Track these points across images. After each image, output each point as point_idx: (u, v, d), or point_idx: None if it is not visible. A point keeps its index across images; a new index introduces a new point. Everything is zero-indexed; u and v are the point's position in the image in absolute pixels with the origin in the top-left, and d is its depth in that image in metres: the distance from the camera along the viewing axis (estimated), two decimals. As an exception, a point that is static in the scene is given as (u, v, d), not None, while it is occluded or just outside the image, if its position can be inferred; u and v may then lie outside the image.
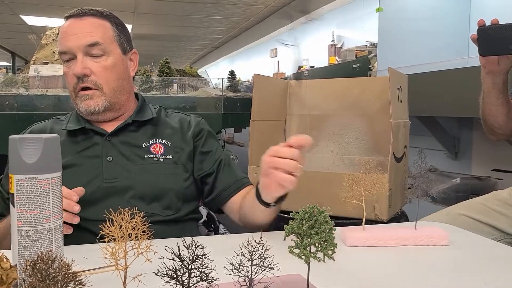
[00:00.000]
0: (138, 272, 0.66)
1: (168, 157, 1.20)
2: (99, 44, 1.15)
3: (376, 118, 1.74)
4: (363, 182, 0.95)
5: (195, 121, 1.31)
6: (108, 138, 1.19)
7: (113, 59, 1.17)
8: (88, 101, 1.15)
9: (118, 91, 1.19)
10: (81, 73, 1.13)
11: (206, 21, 7.41)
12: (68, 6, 6.66)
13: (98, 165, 1.15)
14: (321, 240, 0.62)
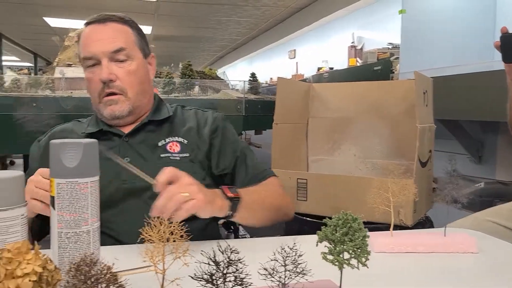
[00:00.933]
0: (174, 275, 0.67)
1: (185, 156, 1.20)
2: (123, 49, 1.16)
3: (399, 121, 1.73)
4: (391, 188, 0.95)
5: (212, 117, 1.30)
6: (125, 139, 1.20)
7: (136, 63, 1.19)
8: (113, 106, 1.17)
9: (140, 95, 1.21)
10: (107, 78, 1.14)
11: (224, 23, 7.45)
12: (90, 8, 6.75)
13: (116, 166, 1.14)
14: (355, 247, 0.63)
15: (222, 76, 3.64)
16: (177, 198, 0.89)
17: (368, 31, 5.25)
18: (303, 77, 6.12)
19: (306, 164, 1.99)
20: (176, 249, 0.59)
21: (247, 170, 1.26)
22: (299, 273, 0.64)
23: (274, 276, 0.64)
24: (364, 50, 4.66)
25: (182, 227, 0.60)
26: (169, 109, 1.28)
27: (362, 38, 5.33)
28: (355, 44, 5.13)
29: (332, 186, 1.54)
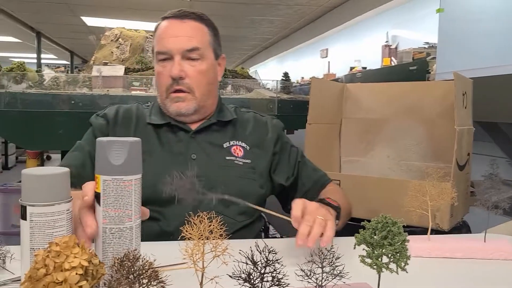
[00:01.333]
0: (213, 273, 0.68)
1: (247, 162, 1.20)
2: (198, 49, 1.16)
3: (436, 123, 1.69)
4: (429, 192, 0.93)
5: (271, 124, 1.31)
6: (192, 136, 1.20)
7: (207, 64, 1.19)
8: (179, 103, 1.17)
9: (206, 95, 1.21)
10: (178, 75, 1.14)
11: (257, 22, 7.46)
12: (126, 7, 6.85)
13: (183, 162, 1.15)
14: (395, 252, 0.62)
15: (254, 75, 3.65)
16: (319, 223, 0.90)
17: (403, 30, 5.15)
18: (335, 77, 6.06)
19: (339, 165, 1.97)
20: (216, 248, 0.60)
21: (308, 175, 1.28)
22: (336, 275, 0.64)
23: (311, 277, 0.64)
24: (399, 50, 4.57)
25: (222, 226, 0.60)
26: (231, 111, 1.28)
27: (396, 37, 5.23)
28: (389, 43, 5.04)
29: (366, 188, 1.53)
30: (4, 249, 0.81)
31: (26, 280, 0.52)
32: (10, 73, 2.49)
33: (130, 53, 3.34)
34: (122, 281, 0.56)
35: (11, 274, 0.79)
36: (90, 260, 0.54)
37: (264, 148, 1.24)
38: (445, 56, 2.68)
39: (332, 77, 6.01)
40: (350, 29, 6.65)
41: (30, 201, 0.62)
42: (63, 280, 0.50)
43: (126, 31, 3.45)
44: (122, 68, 2.90)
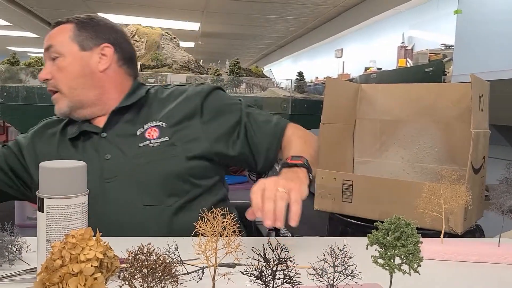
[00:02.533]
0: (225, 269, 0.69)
1: (164, 140, 1.14)
2: (51, 47, 1.16)
3: (452, 125, 1.67)
4: (443, 194, 0.93)
5: (194, 90, 1.23)
6: (103, 135, 1.16)
7: (68, 59, 1.16)
8: (56, 105, 1.18)
9: (80, 89, 1.16)
10: (41, 78, 1.17)
11: (272, 21, 7.46)
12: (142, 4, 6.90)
13: (98, 166, 1.12)
14: (408, 253, 0.62)
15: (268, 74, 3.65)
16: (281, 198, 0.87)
17: (420, 31, 5.10)
18: (349, 77, 6.03)
19: (352, 165, 1.97)
20: (228, 244, 0.60)
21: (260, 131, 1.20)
22: (348, 275, 0.64)
23: (323, 276, 0.64)
24: (414, 51, 4.53)
25: (235, 223, 0.61)
26: (141, 92, 1.22)
27: (412, 38, 5.18)
28: (405, 44, 5.00)
29: (379, 189, 1.52)
30: (20, 241, 0.82)
31: (42, 271, 0.53)
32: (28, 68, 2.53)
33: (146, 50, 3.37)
34: (136, 274, 0.57)
35: (27, 265, 0.81)
36: (105, 253, 0.55)
37: (189, 119, 1.17)
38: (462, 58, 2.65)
39: (347, 77, 5.99)
40: (365, 29, 6.61)
41: (48, 193, 0.63)
42: (78, 272, 0.51)
43: (142, 28, 3.47)
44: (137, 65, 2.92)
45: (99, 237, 0.56)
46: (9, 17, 7.94)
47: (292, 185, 0.91)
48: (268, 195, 0.87)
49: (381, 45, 6.13)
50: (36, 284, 0.53)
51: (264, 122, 1.22)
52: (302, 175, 0.99)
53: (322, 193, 1.70)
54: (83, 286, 0.51)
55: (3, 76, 2.41)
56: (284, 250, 0.63)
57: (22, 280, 0.75)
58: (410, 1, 4.84)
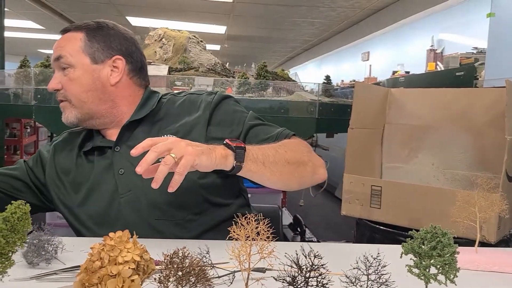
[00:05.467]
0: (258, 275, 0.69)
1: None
2: (61, 57, 1.14)
3: (485, 132, 1.63)
4: (478, 203, 0.90)
5: (205, 100, 1.19)
6: (116, 149, 1.14)
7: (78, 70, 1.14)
8: (63, 114, 1.16)
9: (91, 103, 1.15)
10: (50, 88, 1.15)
11: (298, 24, 7.45)
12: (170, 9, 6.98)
13: (112, 181, 1.12)
14: (444, 263, 0.60)
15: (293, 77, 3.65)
16: (166, 160, 0.85)
17: (450, 34, 5.01)
18: (376, 80, 5.96)
19: (380, 171, 1.94)
20: (262, 250, 0.60)
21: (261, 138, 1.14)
22: (382, 283, 0.63)
23: (356, 284, 0.64)
24: (444, 54, 4.44)
25: (269, 229, 0.61)
26: (154, 102, 1.19)
27: (442, 42, 5.09)
28: (434, 47, 4.91)
29: (409, 196, 1.49)
30: (56, 240, 0.85)
31: (82, 271, 0.54)
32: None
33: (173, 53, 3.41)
34: (171, 277, 0.57)
35: (62, 264, 0.83)
36: (142, 256, 0.56)
37: (198, 130, 1.14)
38: (495, 62, 2.58)
39: (373, 81, 5.92)
40: (393, 32, 6.53)
41: None
42: (116, 274, 0.52)
43: (170, 31, 3.52)
44: (166, 68, 2.96)
45: (135, 239, 0.57)
46: (41, 20, 8.18)
47: (189, 149, 0.88)
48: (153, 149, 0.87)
49: (409, 48, 6.04)
50: (76, 284, 0.54)
51: (265, 133, 1.16)
52: (218, 151, 0.94)
53: (349, 199, 1.68)
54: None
55: (37, 78, 2.48)
56: (317, 256, 0.63)
57: (58, 279, 0.77)
58: (439, 4, 4.75)
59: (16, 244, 0.55)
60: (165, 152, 0.87)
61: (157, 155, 0.86)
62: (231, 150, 0.96)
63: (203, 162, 0.90)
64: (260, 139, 1.13)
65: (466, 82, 2.82)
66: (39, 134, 6.50)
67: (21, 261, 0.81)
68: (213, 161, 0.92)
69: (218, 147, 0.95)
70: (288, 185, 1.12)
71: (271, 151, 1.03)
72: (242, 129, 1.16)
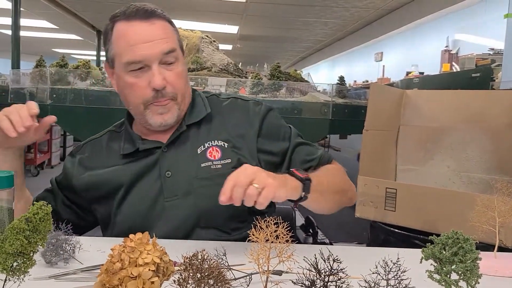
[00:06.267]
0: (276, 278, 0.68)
1: (226, 162, 1.07)
2: (174, 50, 1.04)
3: (503, 134, 1.61)
4: (498, 207, 0.89)
5: (253, 110, 1.15)
6: (164, 150, 1.09)
7: (181, 64, 1.07)
8: (164, 115, 1.05)
9: (186, 98, 1.11)
10: (162, 85, 1.02)
11: (311, 24, 7.43)
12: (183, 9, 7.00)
13: (157, 183, 1.07)
14: (465, 269, 0.60)
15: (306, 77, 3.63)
16: (251, 193, 0.85)
17: (465, 35, 4.95)
18: (389, 81, 5.92)
19: (394, 173, 1.93)
20: (281, 253, 0.60)
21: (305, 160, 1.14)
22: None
23: (375, 289, 0.63)
24: (460, 55, 4.40)
25: (288, 232, 0.61)
26: (205, 103, 1.14)
27: (457, 42, 5.04)
28: (449, 48, 4.86)
29: (424, 199, 1.48)
30: (74, 240, 0.85)
31: (102, 272, 0.54)
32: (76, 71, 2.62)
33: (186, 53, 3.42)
34: (190, 279, 0.57)
35: (80, 264, 0.84)
36: (162, 257, 0.56)
37: (248, 139, 1.11)
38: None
39: (387, 82, 5.88)
40: (407, 32, 6.48)
41: None
42: (137, 275, 0.53)
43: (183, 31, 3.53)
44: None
45: (155, 241, 0.57)
46: (55, 20, 8.27)
47: (270, 181, 0.88)
48: (239, 184, 0.86)
49: (423, 49, 5.99)
50: (96, 285, 0.54)
51: (309, 155, 1.16)
52: (291, 183, 0.94)
53: (363, 201, 1.67)
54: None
55: (53, 78, 2.51)
56: (337, 260, 0.62)
57: (76, 278, 0.78)
58: (455, 4, 4.70)
59: (38, 244, 0.55)
60: (248, 183, 0.87)
61: (244, 190, 0.86)
62: (300, 181, 0.97)
63: (281, 194, 0.91)
64: (304, 160, 1.14)
65: (482, 84, 2.78)
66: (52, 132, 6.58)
67: (39, 260, 0.82)
68: (288, 193, 0.94)
69: (289, 178, 0.96)
70: (330, 210, 1.13)
71: (325, 179, 1.05)
72: (289, 145, 1.15)
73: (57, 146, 6.96)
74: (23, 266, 0.55)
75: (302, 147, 1.17)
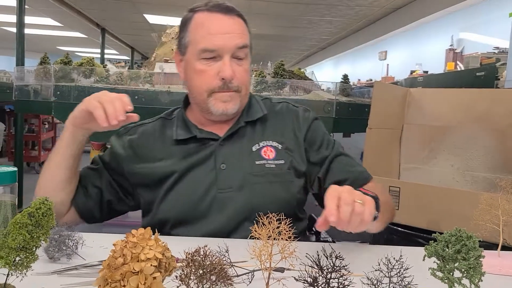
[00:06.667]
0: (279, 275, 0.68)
1: (280, 163, 1.12)
2: (247, 46, 1.10)
3: (508, 133, 1.60)
4: (502, 206, 0.89)
5: (303, 117, 1.20)
6: (221, 143, 1.12)
7: (249, 62, 1.12)
8: (227, 104, 1.09)
9: (247, 95, 1.15)
10: (231, 76, 1.07)
11: (315, 22, 7.41)
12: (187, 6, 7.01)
13: (212, 174, 1.10)
14: (469, 267, 0.59)
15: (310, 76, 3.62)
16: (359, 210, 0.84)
17: (470, 33, 4.93)
18: (393, 80, 5.91)
19: (398, 171, 1.92)
20: (283, 250, 0.60)
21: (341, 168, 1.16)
22: (404, 286, 0.62)
23: (378, 286, 0.63)
24: (464, 54, 4.38)
25: (290, 229, 0.60)
26: (261, 105, 1.19)
27: (462, 41, 5.01)
28: (454, 47, 4.84)
29: (428, 197, 1.47)
30: (77, 236, 0.85)
31: (104, 268, 0.54)
32: (80, 68, 2.62)
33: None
34: (192, 275, 0.57)
35: (83, 260, 0.84)
36: (164, 253, 0.56)
37: (297, 142, 1.16)
38: (517, 62, 2.53)
39: (391, 80, 5.87)
40: (411, 31, 6.46)
41: None
42: (139, 271, 0.52)
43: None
44: (183, 66, 2.96)
45: (157, 237, 0.57)
46: (60, 18, 8.28)
47: (369, 199, 0.88)
48: (345, 202, 0.84)
49: (427, 48, 5.97)
50: (98, 280, 0.54)
51: (349, 166, 1.18)
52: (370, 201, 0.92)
53: (367, 199, 1.67)
54: (143, 285, 0.52)
55: (57, 75, 2.51)
56: (339, 257, 0.62)
57: (78, 274, 0.78)
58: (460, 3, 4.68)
59: (40, 239, 0.56)
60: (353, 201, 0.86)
61: (352, 208, 0.84)
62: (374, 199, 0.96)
63: (372, 211, 0.90)
64: (344, 170, 1.16)
65: (486, 83, 2.77)
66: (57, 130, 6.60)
67: (42, 256, 0.82)
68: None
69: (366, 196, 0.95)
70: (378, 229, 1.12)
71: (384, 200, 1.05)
72: (331, 153, 1.17)
73: (61, 143, 7.00)
74: (25, 261, 0.55)
75: (343, 157, 1.19)
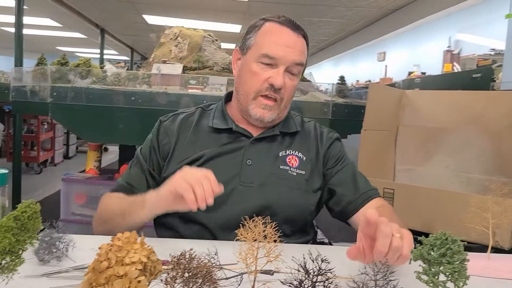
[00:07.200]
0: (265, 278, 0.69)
1: (301, 173, 1.18)
2: (302, 65, 1.18)
3: (503, 136, 1.61)
4: (492, 209, 0.89)
5: (327, 137, 1.28)
6: (252, 142, 1.20)
7: (298, 81, 1.19)
8: (266, 111, 1.16)
9: (286, 109, 1.22)
10: (281, 85, 1.14)
11: (315, 23, 7.41)
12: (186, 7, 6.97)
13: (238, 167, 1.16)
14: (453, 270, 0.60)
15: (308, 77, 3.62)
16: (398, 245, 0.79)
17: (467, 35, 4.93)
18: (391, 81, 5.91)
19: (393, 173, 1.93)
20: (269, 253, 0.60)
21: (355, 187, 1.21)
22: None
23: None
24: (461, 56, 4.38)
25: (276, 232, 0.61)
26: (295, 122, 1.27)
27: (459, 43, 5.02)
28: (451, 48, 4.85)
29: (422, 199, 1.48)
30: (67, 238, 0.85)
31: (89, 271, 0.54)
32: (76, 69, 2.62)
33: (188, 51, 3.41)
34: (178, 278, 0.58)
35: (73, 262, 0.84)
36: (149, 257, 0.56)
37: (318, 159, 1.23)
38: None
39: (389, 82, 5.87)
40: (410, 32, 6.46)
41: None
42: (123, 274, 0.53)
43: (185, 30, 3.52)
44: (180, 67, 2.97)
45: (143, 240, 0.57)
46: (59, 18, 8.28)
47: (406, 231, 0.85)
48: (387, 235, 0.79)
49: (425, 49, 5.97)
50: (83, 284, 0.54)
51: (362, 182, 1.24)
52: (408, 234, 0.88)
53: (361, 201, 1.67)
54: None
55: (54, 76, 2.51)
56: (325, 261, 0.62)
57: (69, 276, 0.78)
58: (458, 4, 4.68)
59: (26, 242, 0.56)
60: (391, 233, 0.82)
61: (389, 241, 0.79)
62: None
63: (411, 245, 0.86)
64: (357, 186, 1.21)
65: (483, 84, 2.77)
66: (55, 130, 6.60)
67: (32, 258, 0.82)
68: None
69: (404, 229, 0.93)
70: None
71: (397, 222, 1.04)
72: (344, 167, 1.24)
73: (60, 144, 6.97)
74: (11, 264, 0.55)
75: (357, 174, 1.25)
